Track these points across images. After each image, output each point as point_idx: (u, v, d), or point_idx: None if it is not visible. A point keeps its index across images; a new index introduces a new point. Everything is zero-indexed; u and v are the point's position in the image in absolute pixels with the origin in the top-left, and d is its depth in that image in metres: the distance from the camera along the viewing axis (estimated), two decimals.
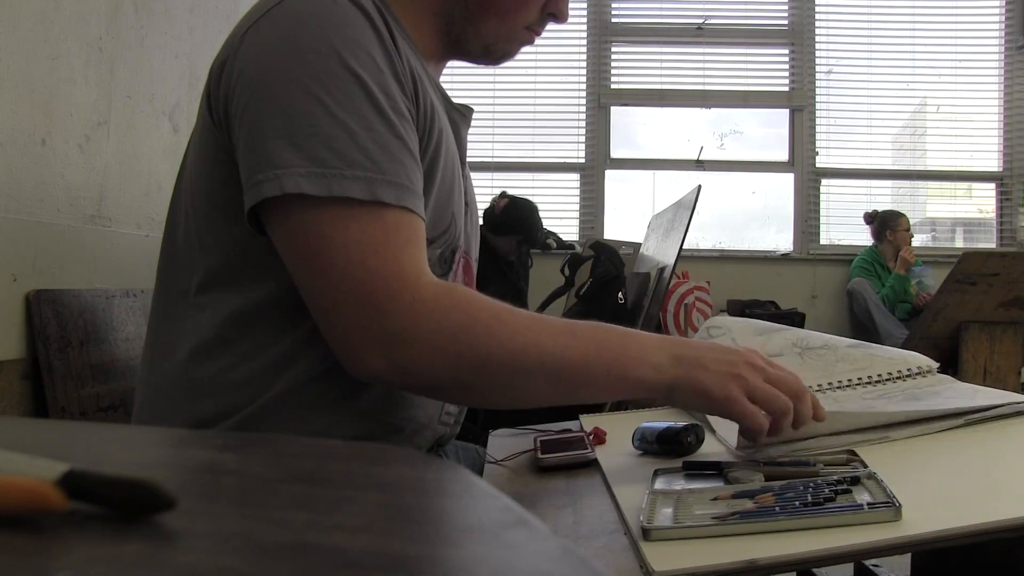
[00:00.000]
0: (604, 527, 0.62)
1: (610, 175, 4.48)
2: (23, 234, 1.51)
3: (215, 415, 0.78)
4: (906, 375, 0.89)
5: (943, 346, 2.12)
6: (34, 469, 0.29)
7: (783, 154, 4.48)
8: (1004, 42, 4.39)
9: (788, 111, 4.45)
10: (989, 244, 4.52)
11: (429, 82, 0.83)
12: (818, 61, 4.44)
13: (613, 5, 4.49)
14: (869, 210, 4.18)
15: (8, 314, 1.44)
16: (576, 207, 4.45)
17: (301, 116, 0.70)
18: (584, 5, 4.41)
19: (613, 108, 4.49)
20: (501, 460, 0.90)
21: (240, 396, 0.77)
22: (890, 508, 0.54)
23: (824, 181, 4.46)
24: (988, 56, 4.44)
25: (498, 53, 0.90)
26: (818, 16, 4.45)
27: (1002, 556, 0.78)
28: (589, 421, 1.01)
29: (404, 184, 0.72)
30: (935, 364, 0.90)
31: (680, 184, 4.29)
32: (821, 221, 4.44)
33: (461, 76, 4.27)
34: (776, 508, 0.57)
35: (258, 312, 0.78)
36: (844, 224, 4.42)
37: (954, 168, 4.50)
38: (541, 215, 3.21)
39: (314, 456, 0.41)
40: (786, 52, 4.46)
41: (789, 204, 4.46)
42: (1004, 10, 4.41)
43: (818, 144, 4.46)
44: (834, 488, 0.60)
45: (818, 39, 4.45)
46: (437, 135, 0.81)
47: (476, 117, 0.96)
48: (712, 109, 4.51)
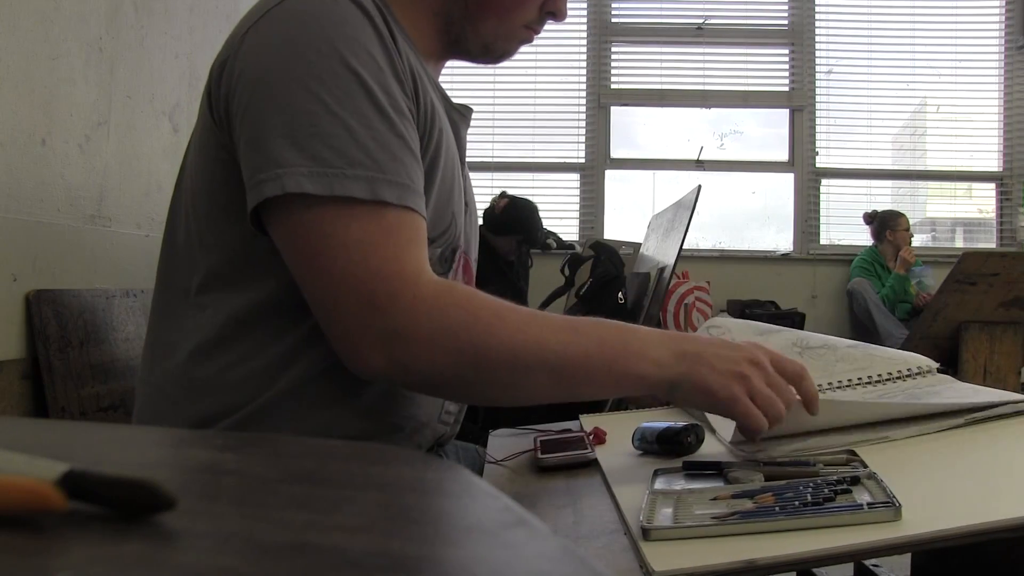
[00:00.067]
0: (604, 527, 0.62)
1: (610, 175, 4.48)
2: (23, 234, 1.51)
3: (216, 414, 0.78)
4: (906, 375, 0.89)
5: (943, 346, 2.12)
6: (34, 469, 0.29)
7: (783, 154, 4.48)
8: (1004, 42, 4.39)
9: (788, 111, 4.45)
10: (989, 244, 4.52)
11: (429, 81, 0.83)
12: (818, 61, 4.44)
13: (613, 5, 4.48)
14: (869, 210, 4.17)
15: (8, 314, 1.44)
16: (576, 207, 4.45)
17: (302, 115, 0.70)
18: (584, 5, 4.41)
19: (613, 108, 4.49)
20: (501, 460, 0.90)
21: (241, 395, 0.78)
22: (890, 508, 0.54)
23: (824, 181, 4.45)
24: (988, 56, 4.43)
25: (497, 52, 0.90)
26: (818, 16, 4.44)
27: (1002, 556, 0.78)
28: (589, 421, 1.01)
29: (405, 183, 0.72)
30: (935, 364, 0.90)
31: (680, 184, 4.29)
32: (821, 221, 4.43)
33: (461, 76, 4.27)
34: (776, 508, 0.57)
35: (259, 311, 0.78)
36: (844, 224, 4.42)
37: (954, 168, 4.49)
38: (541, 215, 3.21)
39: (314, 456, 0.41)
40: (786, 52, 4.46)
41: (789, 204, 4.46)
42: (1004, 10, 4.41)
43: (818, 144, 4.45)
44: (834, 488, 0.60)
45: (818, 39, 4.44)
46: (437, 135, 0.81)
47: (476, 117, 0.96)
48: (712, 109, 4.51)
